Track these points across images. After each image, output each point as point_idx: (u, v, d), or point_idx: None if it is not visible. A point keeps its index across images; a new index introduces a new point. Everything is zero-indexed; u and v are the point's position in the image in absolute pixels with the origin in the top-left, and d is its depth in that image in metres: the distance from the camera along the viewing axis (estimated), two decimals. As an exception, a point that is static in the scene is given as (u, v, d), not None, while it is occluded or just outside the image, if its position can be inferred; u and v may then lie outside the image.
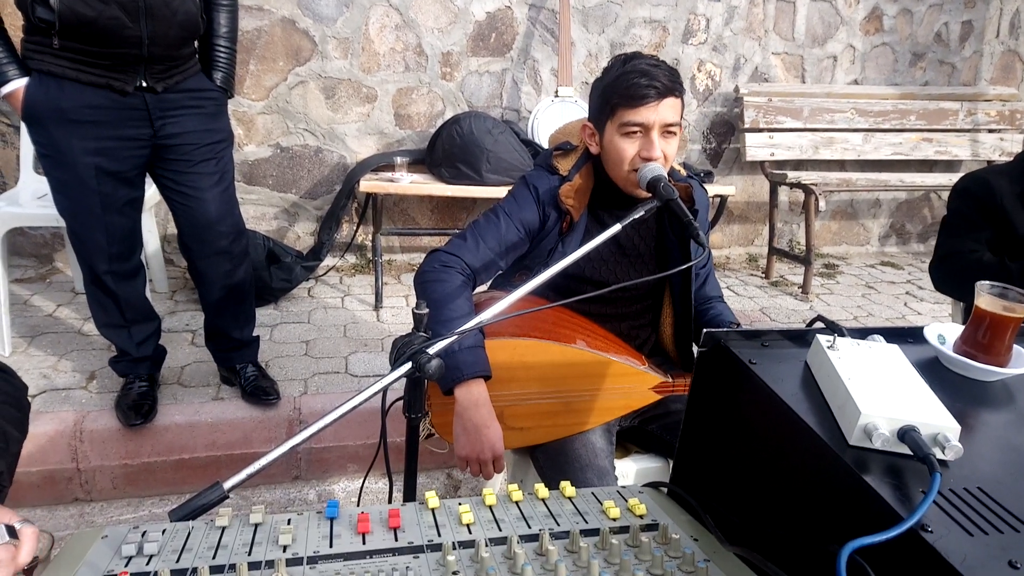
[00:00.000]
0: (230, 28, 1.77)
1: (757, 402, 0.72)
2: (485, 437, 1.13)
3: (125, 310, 1.83)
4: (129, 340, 1.88)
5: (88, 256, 1.73)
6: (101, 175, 1.63)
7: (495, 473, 1.16)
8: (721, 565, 0.67)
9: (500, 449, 1.14)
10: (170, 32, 1.58)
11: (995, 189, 1.56)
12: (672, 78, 1.21)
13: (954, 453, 0.61)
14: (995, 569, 0.50)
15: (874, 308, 3.18)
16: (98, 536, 0.69)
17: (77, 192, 1.64)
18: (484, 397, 1.14)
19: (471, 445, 1.14)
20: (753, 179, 3.66)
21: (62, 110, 1.55)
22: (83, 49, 1.52)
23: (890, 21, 3.64)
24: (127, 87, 1.59)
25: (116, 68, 1.56)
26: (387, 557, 0.66)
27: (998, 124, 3.69)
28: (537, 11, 3.12)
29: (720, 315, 1.41)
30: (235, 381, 2.06)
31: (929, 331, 0.83)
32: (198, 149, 1.74)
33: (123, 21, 1.50)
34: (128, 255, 1.78)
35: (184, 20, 1.60)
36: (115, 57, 1.54)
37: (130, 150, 1.65)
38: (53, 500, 1.85)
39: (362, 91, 3.03)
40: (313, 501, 1.96)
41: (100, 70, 1.55)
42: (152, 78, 1.61)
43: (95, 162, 1.61)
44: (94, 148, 1.60)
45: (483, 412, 1.13)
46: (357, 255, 3.23)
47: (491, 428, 1.13)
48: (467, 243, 1.27)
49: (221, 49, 1.76)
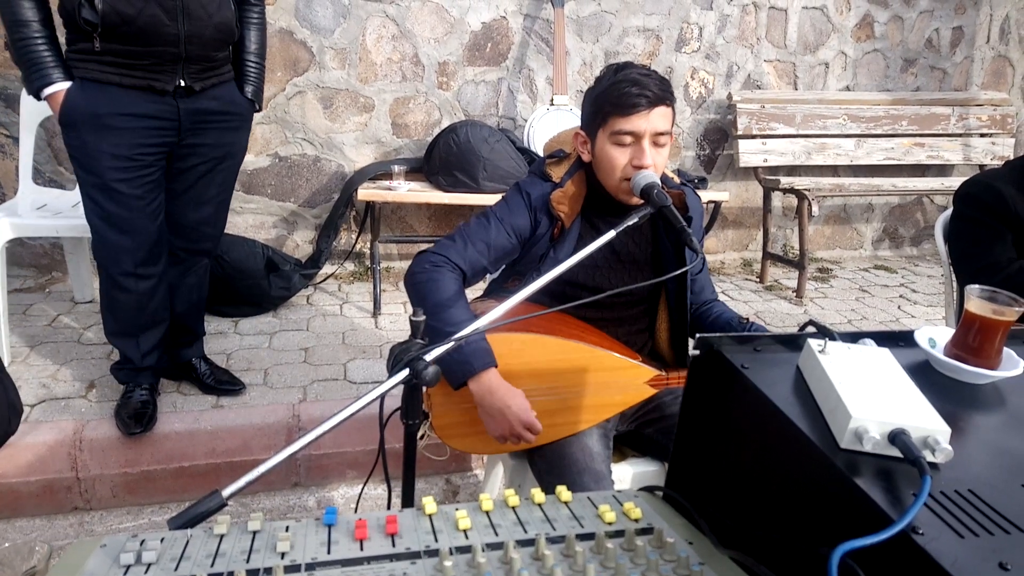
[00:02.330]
0: (260, 44, 1.87)
1: (749, 406, 0.72)
2: (511, 415, 1.17)
3: (139, 317, 1.85)
4: (136, 349, 1.89)
5: (114, 260, 1.77)
6: (129, 179, 1.69)
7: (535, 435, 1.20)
8: (716, 568, 0.67)
9: (528, 418, 1.18)
10: (206, 33, 1.66)
11: (1005, 195, 1.55)
12: (663, 87, 1.23)
13: (944, 456, 0.61)
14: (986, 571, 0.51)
15: (868, 312, 3.19)
16: (96, 545, 0.69)
17: (106, 195, 1.70)
18: (496, 381, 1.18)
19: (500, 426, 1.19)
20: (747, 185, 3.69)
21: (98, 115, 1.62)
22: (124, 50, 1.59)
23: (881, 28, 3.68)
24: (167, 86, 1.66)
25: (155, 68, 1.63)
26: (385, 563, 0.67)
27: (989, 128, 3.72)
28: (532, 21, 3.15)
29: (723, 314, 1.42)
30: (191, 376, 2.10)
31: (920, 335, 0.84)
32: (207, 162, 1.83)
33: (161, 19, 1.57)
34: (154, 260, 1.82)
35: (220, 23, 1.69)
36: (154, 56, 1.61)
37: (155, 157, 1.72)
38: (52, 509, 1.84)
39: (359, 101, 3.05)
40: (312, 507, 1.96)
41: (141, 71, 1.62)
42: (190, 77, 1.68)
43: (123, 166, 1.67)
44: (124, 154, 1.66)
45: (500, 394, 1.17)
46: (355, 263, 3.24)
47: (511, 405, 1.17)
48: (455, 244, 1.29)
49: (252, 64, 1.86)
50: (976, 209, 1.60)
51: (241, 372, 2.23)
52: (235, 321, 2.64)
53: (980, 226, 1.59)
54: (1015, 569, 0.51)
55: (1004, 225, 1.56)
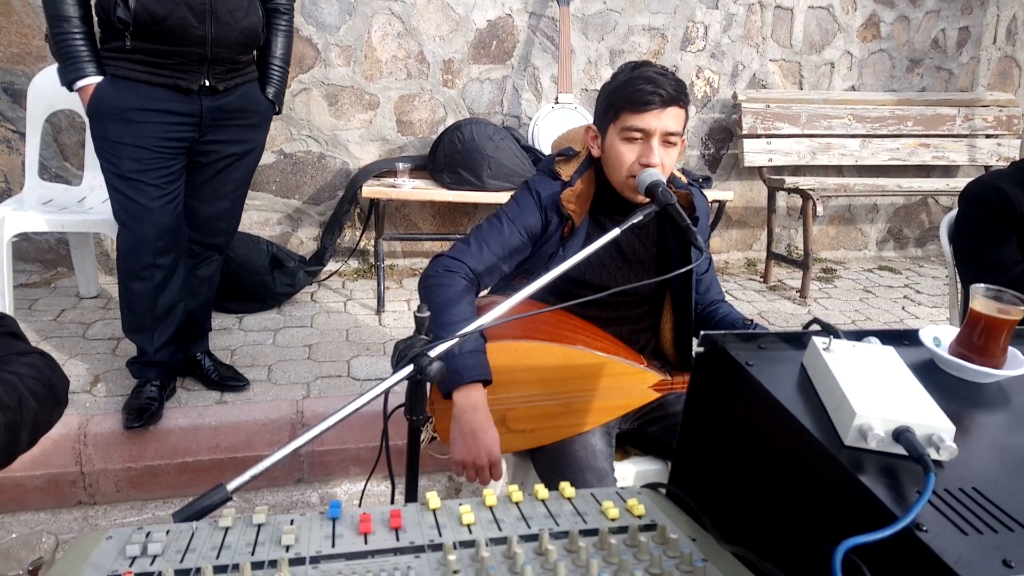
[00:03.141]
0: (285, 51, 1.93)
1: (754, 403, 0.72)
2: (482, 442, 1.12)
3: (157, 310, 1.88)
4: (151, 344, 1.91)
5: (136, 251, 1.81)
6: (148, 170, 1.74)
7: (492, 480, 1.15)
8: (719, 564, 0.67)
9: (497, 455, 1.13)
10: (232, 36, 1.72)
11: (1010, 196, 1.54)
12: (678, 88, 1.22)
13: (949, 453, 0.62)
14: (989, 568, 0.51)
15: (872, 312, 3.19)
16: (102, 537, 0.69)
17: (126, 184, 1.74)
18: (482, 402, 1.14)
19: (467, 450, 1.13)
20: (751, 184, 3.68)
21: (123, 109, 1.69)
22: (153, 49, 1.66)
23: (887, 28, 3.66)
24: (192, 86, 1.72)
25: (182, 68, 1.70)
26: (389, 557, 0.67)
27: (995, 129, 3.70)
28: (537, 19, 3.15)
29: (729, 314, 1.42)
30: (195, 372, 2.12)
31: (924, 333, 0.84)
32: (226, 158, 1.88)
33: (190, 20, 1.65)
34: (171, 251, 1.85)
35: (246, 28, 1.76)
36: (181, 56, 1.68)
37: (176, 151, 1.78)
38: (57, 503, 1.85)
39: (365, 98, 3.05)
40: (315, 503, 1.96)
41: (168, 70, 1.69)
42: (215, 78, 1.75)
43: (143, 157, 1.73)
44: (146, 146, 1.72)
45: (480, 417, 1.13)
46: (359, 260, 3.24)
47: (488, 433, 1.12)
48: (471, 248, 1.29)
49: (276, 68, 1.92)
50: (981, 210, 1.59)
51: (245, 368, 2.24)
52: (239, 317, 2.65)
53: (985, 227, 1.59)
54: (1019, 566, 0.51)
55: (1009, 226, 1.55)
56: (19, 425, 0.87)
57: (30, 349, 0.99)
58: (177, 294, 1.91)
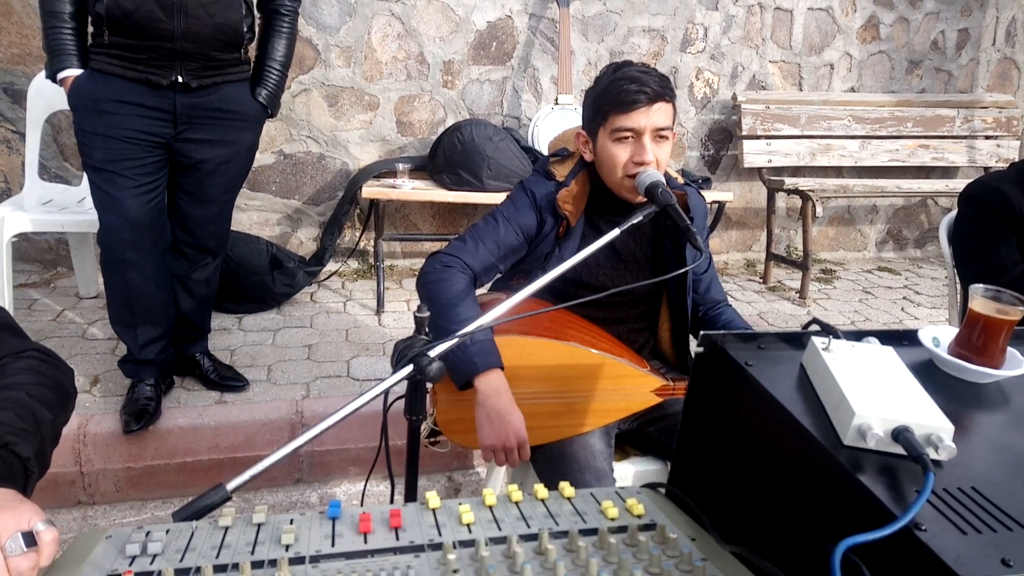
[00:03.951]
0: (285, 55, 1.90)
1: (753, 403, 0.73)
2: (509, 424, 1.13)
3: (134, 305, 1.86)
4: (134, 340, 1.90)
5: (105, 240, 1.82)
6: (117, 160, 1.75)
7: (521, 461, 1.15)
8: (718, 564, 0.67)
9: (524, 435, 1.14)
10: (203, 32, 1.70)
11: (1010, 197, 1.54)
12: (662, 84, 1.23)
13: (948, 453, 0.62)
14: (988, 567, 0.51)
15: (871, 313, 3.19)
16: (102, 537, 0.69)
17: (96, 174, 1.76)
18: (504, 386, 1.15)
19: (496, 434, 1.14)
20: (751, 185, 3.68)
21: (97, 100, 1.71)
22: (127, 44, 1.68)
23: (887, 29, 3.67)
24: (162, 81, 1.71)
25: (154, 63, 1.70)
26: (388, 556, 0.67)
27: (995, 131, 3.71)
28: (537, 20, 3.15)
29: (732, 321, 1.42)
30: (195, 372, 2.11)
31: (924, 334, 0.84)
32: (210, 160, 1.85)
33: (157, 15, 1.64)
34: (147, 249, 1.83)
35: (221, 24, 1.72)
36: (151, 50, 1.68)
37: (148, 144, 1.77)
38: (56, 503, 1.85)
39: (364, 99, 3.05)
40: (315, 503, 1.96)
41: (141, 65, 1.70)
42: (188, 74, 1.73)
43: (112, 147, 1.73)
44: (115, 136, 1.72)
45: (505, 400, 1.14)
46: (359, 260, 3.24)
47: (514, 415, 1.14)
48: (467, 245, 1.29)
49: (272, 71, 1.89)
50: (981, 211, 1.60)
51: (245, 368, 2.24)
52: (239, 317, 2.65)
53: (985, 228, 1.59)
54: (1017, 565, 0.51)
55: (1009, 227, 1.56)
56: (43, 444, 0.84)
57: (25, 347, 0.95)
58: (157, 292, 1.88)
